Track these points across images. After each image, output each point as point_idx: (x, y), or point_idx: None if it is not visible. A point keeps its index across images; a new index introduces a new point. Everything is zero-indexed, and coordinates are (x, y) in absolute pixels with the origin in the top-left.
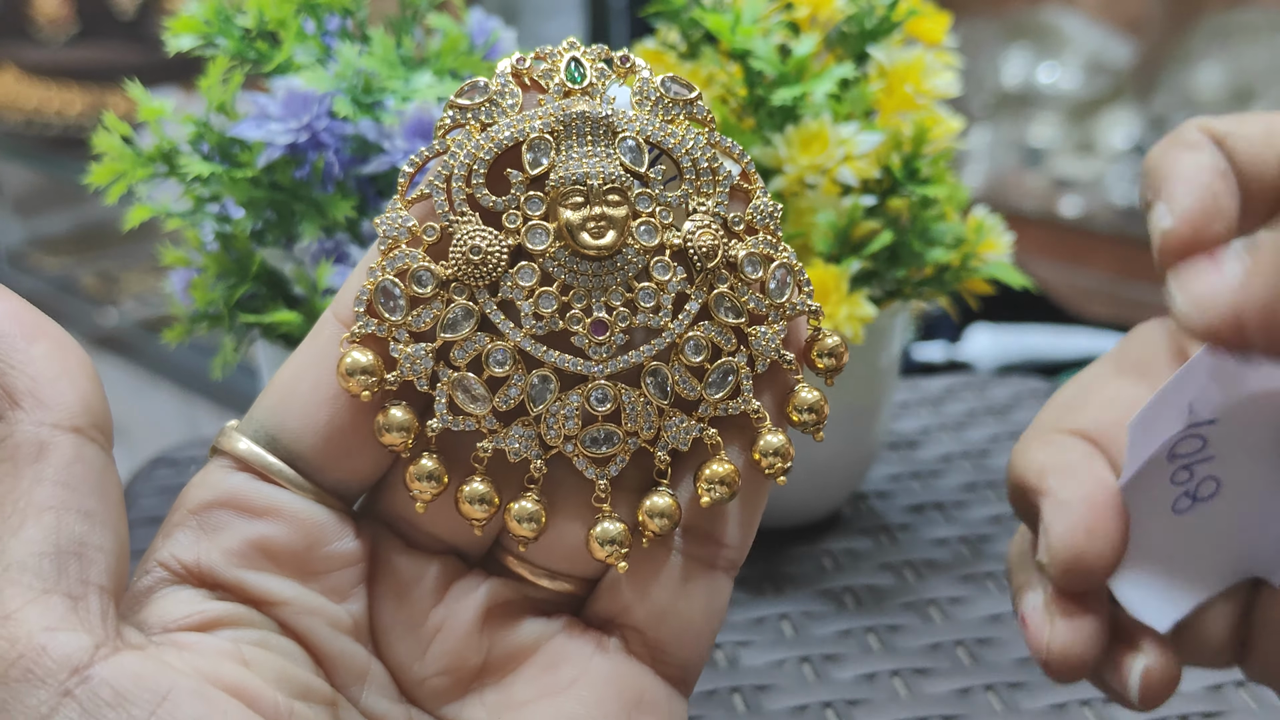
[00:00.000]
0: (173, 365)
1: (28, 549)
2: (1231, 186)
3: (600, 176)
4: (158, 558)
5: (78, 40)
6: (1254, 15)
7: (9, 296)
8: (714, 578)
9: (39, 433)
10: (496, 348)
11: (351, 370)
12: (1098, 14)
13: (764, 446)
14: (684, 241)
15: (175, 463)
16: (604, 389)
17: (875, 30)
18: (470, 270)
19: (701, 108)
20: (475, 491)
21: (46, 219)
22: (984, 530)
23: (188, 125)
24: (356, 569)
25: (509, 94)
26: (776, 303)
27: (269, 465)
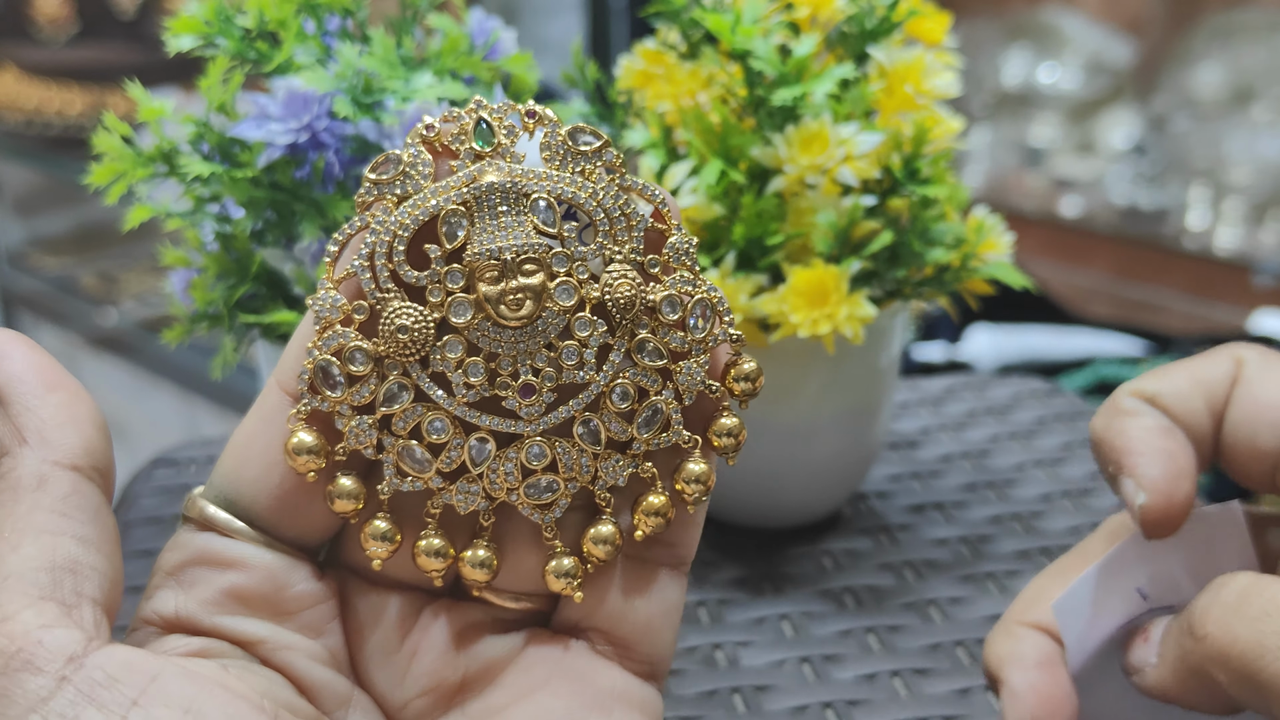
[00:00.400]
0: (172, 365)
1: (26, 564)
2: (1180, 439)
3: (513, 250)
4: (142, 616)
5: (78, 40)
6: (1254, 15)
7: (36, 350)
8: (664, 576)
9: (40, 467)
10: (434, 417)
11: (298, 450)
12: (1098, 14)
13: (685, 474)
14: (602, 294)
15: (175, 463)
16: (539, 445)
17: (875, 30)
18: (400, 348)
19: (610, 154)
20: (431, 546)
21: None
22: (984, 530)
23: (188, 125)
24: (327, 606)
25: (421, 164)
26: (698, 338)
27: (231, 525)
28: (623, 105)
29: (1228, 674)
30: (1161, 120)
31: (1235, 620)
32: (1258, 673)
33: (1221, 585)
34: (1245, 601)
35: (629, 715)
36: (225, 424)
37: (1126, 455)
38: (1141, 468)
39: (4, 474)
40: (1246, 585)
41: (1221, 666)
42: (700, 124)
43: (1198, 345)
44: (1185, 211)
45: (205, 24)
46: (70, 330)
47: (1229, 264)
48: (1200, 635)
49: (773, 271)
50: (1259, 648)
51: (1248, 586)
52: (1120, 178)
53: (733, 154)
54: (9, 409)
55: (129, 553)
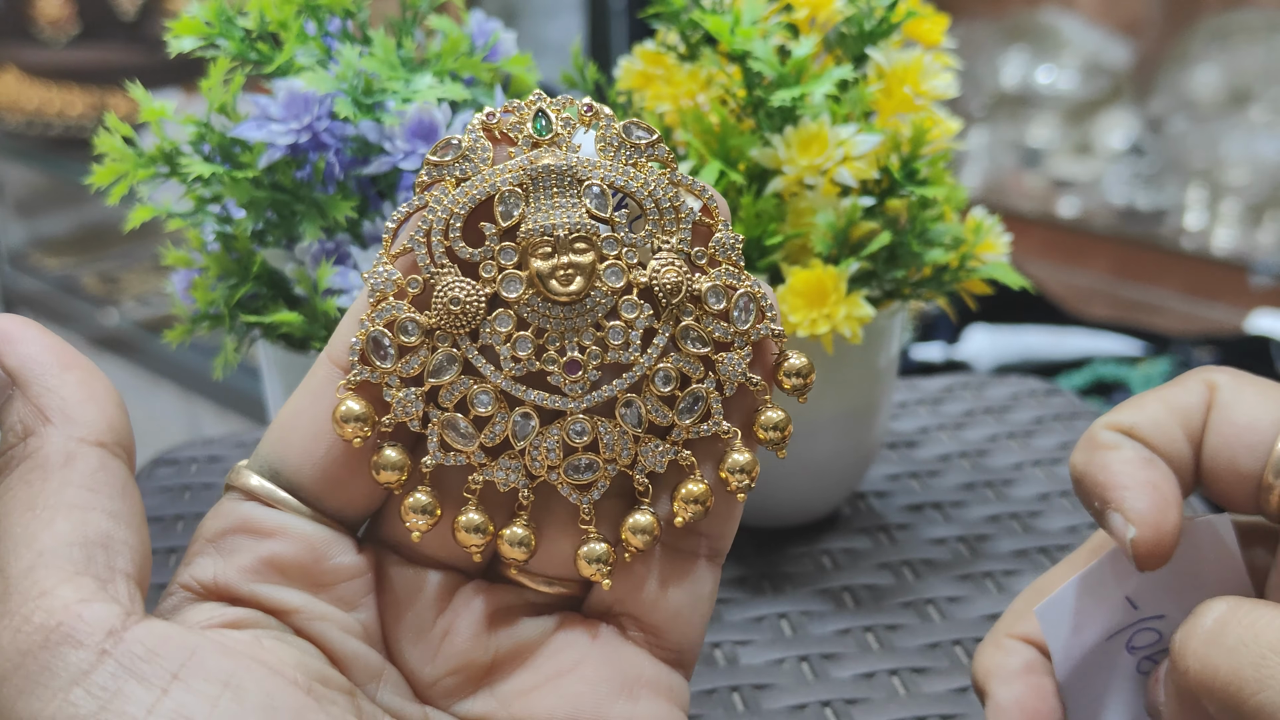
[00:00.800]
0: (174, 365)
1: (58, 540)
2: (1162, 469)
3: (566, 227)
4: (180, 581)
5: (79, 41)
6: (1251, 16)
7: (46, 333)
8: (699, 566)
9: (67, 445)
10: (480, 390)
11: (345, 418)
12: (1096, 15)
13: (730, 464)
14: (649, 280)
15: (176, 462)
16: (581, 423)
17: (874, 32)
18: (451, 320)
19: (662, 149)
20: (470, 521)
21: (48, 220)
22: (982, 530)
23: (189, 126)
24: (363, 580)
25: (480, 149)
26: (741, 330)
27: (274, 495)
28: (622, 106)
29: (1214, 705)
30: (1159, 121)
31: (1213, 651)
32: (1240, 705)
33: (1199, 614)
34: (1222, 631)
35: (656, 702)
36: (226, 424)
37: (1111, 490)
38: (1128, 501)
39: (31, 453)
40: (1223, 614)
41: (1208, 698)
42: (699, 125)
43: (1195, 345)
44: (1183, 212)
45: (206, 25)
46: (72, 330)
47: (1226, 264)
48: (1183, 669)
49: (772, 272)
50: (1238, 679)
51: (1224, 615)
52: (1118, 178)
53: (732, 155)
54: (28, 390)
55: None
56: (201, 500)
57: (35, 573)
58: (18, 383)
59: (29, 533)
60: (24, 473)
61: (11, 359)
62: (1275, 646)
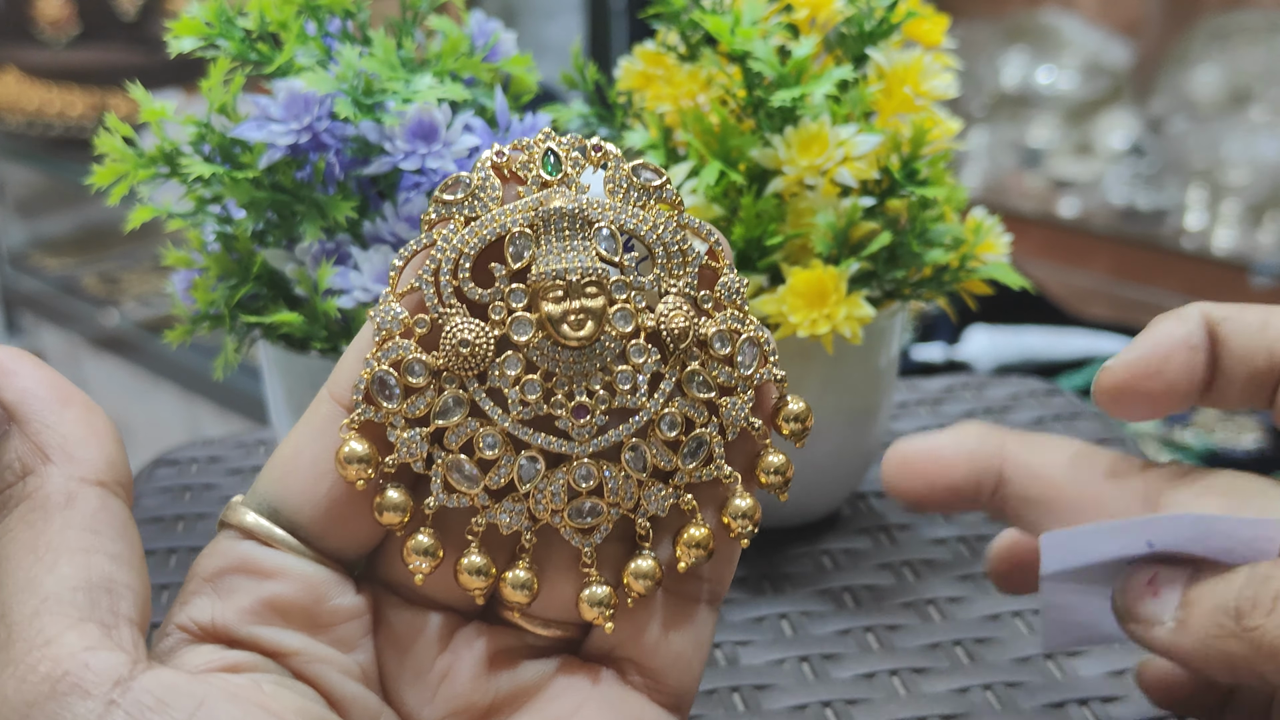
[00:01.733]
0: (174, 366)
1: (62, 584)
2: (1195, 361)
3: (579, 271)
4: (176, 622)
5: (79, 42)
6: (1251, 17)
7: (44, 367)
8: (698, 610)
9: (67, 484)
10: (487, 432)
11: (349, 459)
12: (1096, 16)
13: (733, 510)
14: (657, 324)
15: (176, 463)
16: (587, 467)
17: (874, 32)
18: (460, 362)
19: (670, 191)
20: (473, 564)
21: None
22: (982, 530)
23: (189, 127)
24: (361, 621)
25: (490, 187)
26: (745, 375)
27: (273, 535)
28: (622, 106)
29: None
30: (1159, 121)
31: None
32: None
33: (1272, 577)
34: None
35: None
36: (227, 424)
37: (1139, 338)
38: (1134, 348)
39: (31, 493)
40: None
41: (1272, 662)
42: (700, 125)
43: None
44: (1183, 212)
45: (206, 26)
46: (72, 331)
47: (1227, 265)
48: (1251, 626)
49: (772, 272)
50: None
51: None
52: (1118, 179)
53: (732, 155)
54: (27, 426)
55: None
56: (202, 501)
57: (39, 619)
58: (15, 418)
59: (31, 577)
60: (24, 513)
61: (9, 393)
62: None
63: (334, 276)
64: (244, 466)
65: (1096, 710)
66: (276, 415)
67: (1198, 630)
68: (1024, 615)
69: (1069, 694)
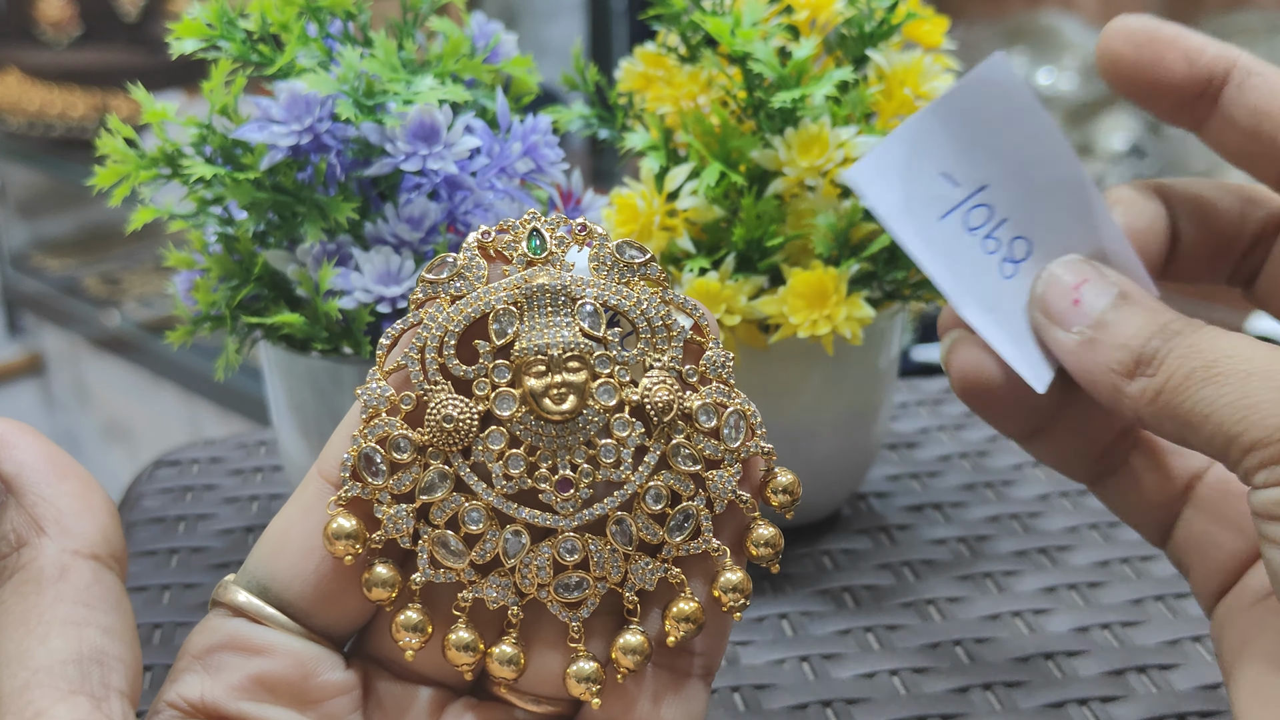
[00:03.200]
0: (175, 367)
1: (54, 657)
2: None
3: (560, 346)
4: (166, 699)
5: (81, 43)
6: (1252, 17)
7: (41, 438)
8: (689, 685)
9: (61, 558)
10: (472, 507)
11: (337, 535)
12: (1096, 17)
13: (724, 584)
14: (641, 398)
15: (177, 463)
16: (572, 540)
17: (874, 34)
18: (444, 437)
19: (654, 268)
20: (460, 640)
21: (50, 221)
22: (982, 530)
23: (191, 128)
24: (351, 697)
25: (476, 267)
26: (731, 447)
27: (262, 612)
28: (623, 108)
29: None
30: (1159, 123)
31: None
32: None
33: (1192, 345)
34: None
35: None
36: (227, 425)
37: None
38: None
39: (25, 565)
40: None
41: (1157, 420)
42: (700, 126)
43: None
44: None
45: (208, 27)
46: (74, 332)
47: None
48: (1149, 375)
49: (772, 273)
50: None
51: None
52: (1119, 180)
53: (732, 156)
54: (23, 499)
55: (132, 553)
56: (203, 502)
57: (30, 691)
58: (12, 490)
59: (23, 649)
60: (17, 585)
61: (7, 465)
62: None
63: (335, 278)
64: (245, 467)
65: (1096, 710)
66: (277, 416)
67: (1101, 356)
68: (1024, 615)
69: (1069, 694)
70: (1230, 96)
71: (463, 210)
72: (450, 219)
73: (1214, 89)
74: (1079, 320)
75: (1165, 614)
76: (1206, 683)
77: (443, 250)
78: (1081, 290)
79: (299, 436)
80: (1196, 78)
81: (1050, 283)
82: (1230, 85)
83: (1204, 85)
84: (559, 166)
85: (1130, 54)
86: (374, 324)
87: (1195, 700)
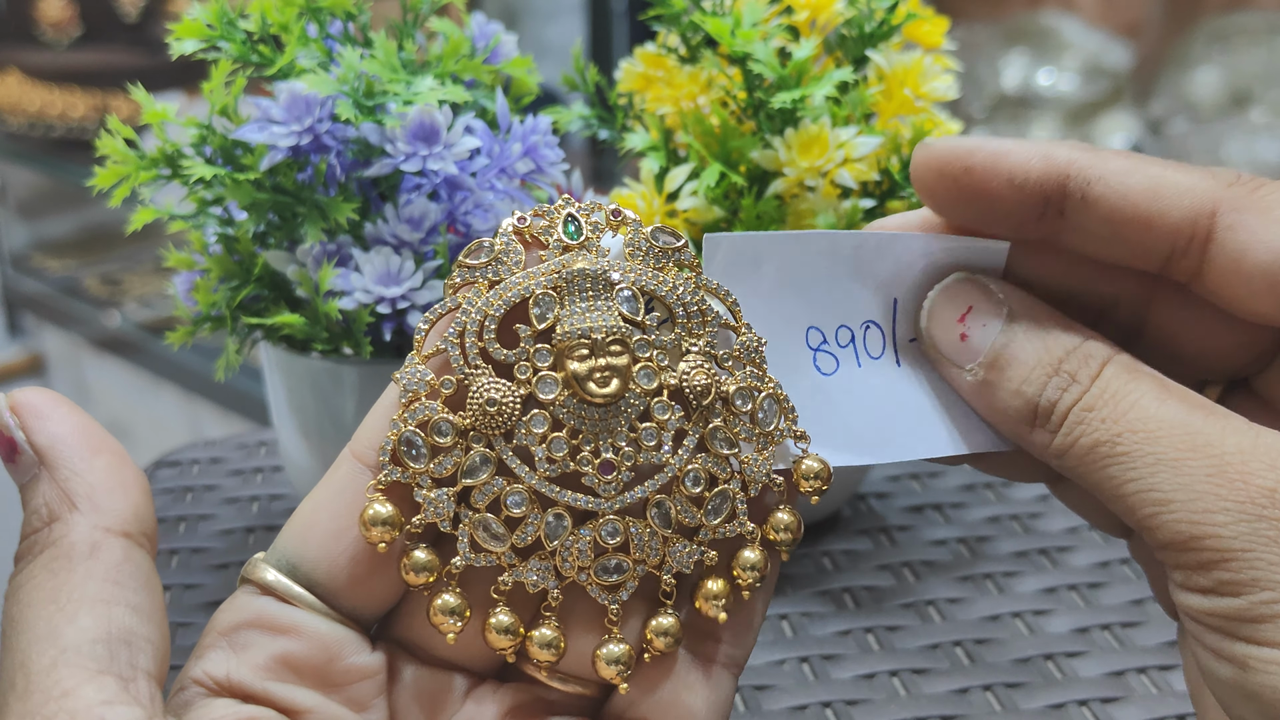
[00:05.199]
0: (176, 367)
1: (83, 635)
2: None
3: (604, 330)
4: (192, 675)
5: (81, 43)
6: (1252, 18)
7: (78, 413)
8: (716, 673)
9: (92, 534)
10: (514, 490)
11: (373, 521)
12: (1096, 18)
13: (741, 560)
14: (680, 382)
15: (178, 464)
16: (613, 523)
17: (874, 34)
18: (487, 421)
19: (688, 254)
20: (501, 623)
21: (50, 222)
22: (982, 531)
23: (191, 128)
24: (376, 681)
25: (513, 252)
26: (765, 431)
27: (290, 591)
28: (623, 108)
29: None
30: (1160, 123)
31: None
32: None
33: (1078, 379)
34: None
35: None
36: (228, 426)
37: None
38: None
39: (56, 540)
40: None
41: (1067, 462)
42: (700, 127)
43: None
44: None
45: (208, 28)
46: (74, 332)
47: None
48: (1052, 430)
49: None
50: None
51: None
52: None
53: (733, 157)
54: (56, 473)
55: None
56: (203, 502)
57: (58, 670)
58: (45, 463)
59: (52, 627)
60: (47, 561)
61: (41, 436)
62: None
63: (335, 278)
64: (245, 468)
65: (1097, 710)
66: (278, 416)
67: (999, 404)
68: (1024, 616)
69: (1069, 694)
70: (1076, 209)
71: (463, 211)
72: (450, 219)
73: (1054, 207)
74: (969, 357)
75: (1165, 615)
76: None
77: (442, 251)
78: (968, 321)
79: (299, 437)
80: (1029, 202)
81: (933, 316)
82: (1071, 200)
83: (1040, 207)
84: (559, 167)
85: (948, 189)
86: (374, 324)
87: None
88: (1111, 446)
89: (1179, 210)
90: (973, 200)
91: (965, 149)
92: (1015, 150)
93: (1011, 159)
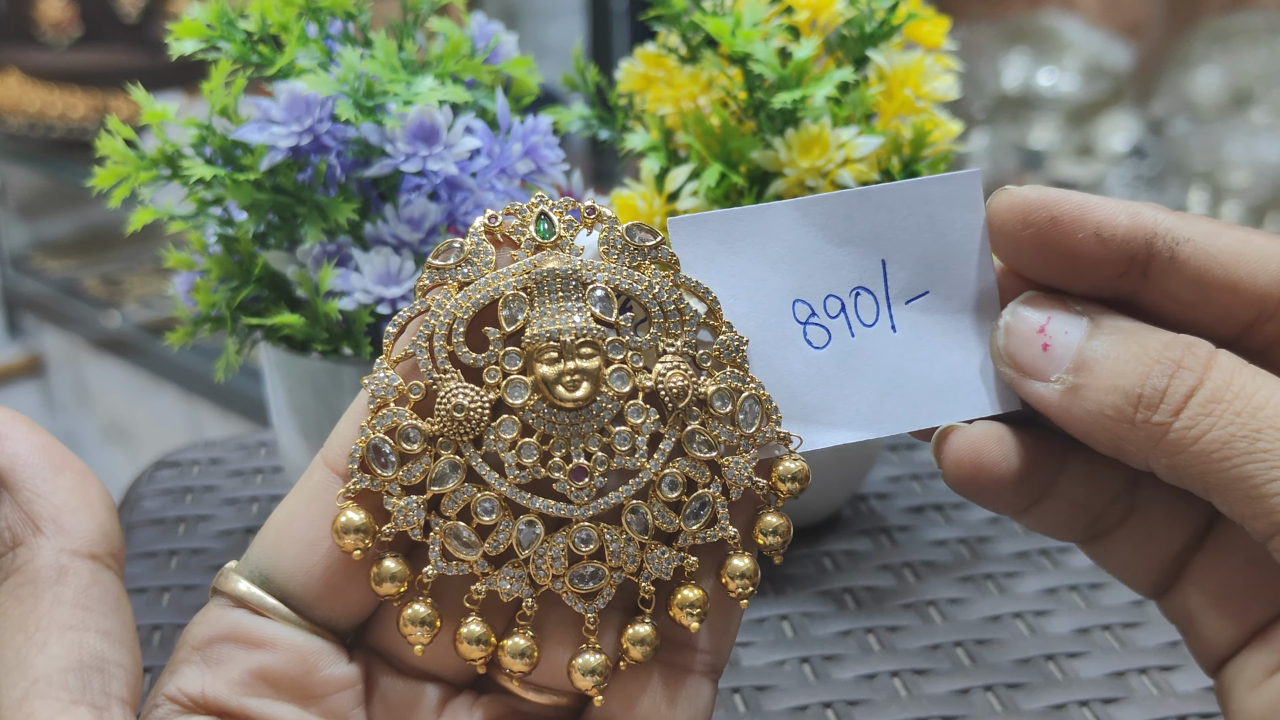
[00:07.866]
0: (176, 368)
1: (54, 665)
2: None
3: (573, 332)
4: (165, 692)
5: (81, 44)
6: (1253, 18)
7: (38, 431)
8: (693, 681)
9: (59, 558)
10: (484, 498)
11: (346, 529)
12: (1097, 18)
13: (731, 569)
14: (655, 384)
15: (177, 464)
16: (587, 530)
17: (875, 34)
18: (455, 427)
19: (665, 251)
20: (472, 633)
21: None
22: (983, 531)
23: (191, 129)
24: (353, 692)
25: (483, 252)
26: (746, 433)
27: (265, 604)
28: (623, 108)
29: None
30: (1160, 123)
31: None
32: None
33: (1186, 368)
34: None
35: None
36: (228, 426)
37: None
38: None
39: (21, 566)
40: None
41: (1170, 459)
42: (700, 127)
43: None
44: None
45: (208, 28)
46: (74, 333)
47: None
48: (1156, 422)
49: None
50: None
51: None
52: (1120, 180)
53: (733, 157)
54: (17, 495)
55: (132, 555)
56: (203, 502)
57: (30, 703)
58: (6, 485)
59: (21, 657)
60: (13, 588)
61: (1, 458)
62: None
63: (335, 278)
64: (245, 468)
65: (1097, 711)
66: (278, 417)
67: (1092, 405)
68: (1024, 616)
69: (1069, 695)
70: (1162, 269)
71: (462, 211)
72: (450, 220)
73: (1138, 265)
74: (1055, 367)
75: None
76: (1207, 684)
77: None
78: (1049, 330)
79: (299, 437)
80: (1113, 258)
81: (1011, 331)
82: (1158, 259)
83: (1124, 264)
84: (559, 167)
85: (1032, 238)
86: (374, 325)
87: (1196, 702)
88: (1250, 443)
89: (1267, 274)
90: (1056, 252)
91: (1052, 198)
92: (1102, 205)
93: (1099, 213)
